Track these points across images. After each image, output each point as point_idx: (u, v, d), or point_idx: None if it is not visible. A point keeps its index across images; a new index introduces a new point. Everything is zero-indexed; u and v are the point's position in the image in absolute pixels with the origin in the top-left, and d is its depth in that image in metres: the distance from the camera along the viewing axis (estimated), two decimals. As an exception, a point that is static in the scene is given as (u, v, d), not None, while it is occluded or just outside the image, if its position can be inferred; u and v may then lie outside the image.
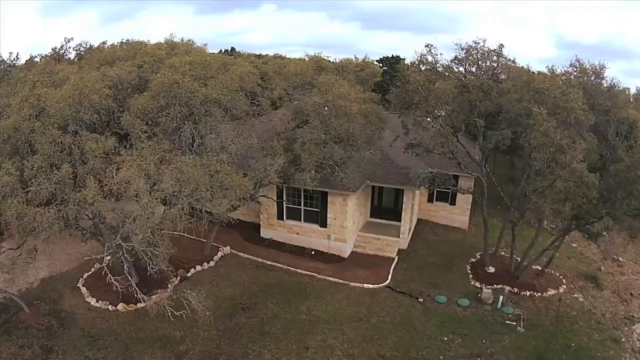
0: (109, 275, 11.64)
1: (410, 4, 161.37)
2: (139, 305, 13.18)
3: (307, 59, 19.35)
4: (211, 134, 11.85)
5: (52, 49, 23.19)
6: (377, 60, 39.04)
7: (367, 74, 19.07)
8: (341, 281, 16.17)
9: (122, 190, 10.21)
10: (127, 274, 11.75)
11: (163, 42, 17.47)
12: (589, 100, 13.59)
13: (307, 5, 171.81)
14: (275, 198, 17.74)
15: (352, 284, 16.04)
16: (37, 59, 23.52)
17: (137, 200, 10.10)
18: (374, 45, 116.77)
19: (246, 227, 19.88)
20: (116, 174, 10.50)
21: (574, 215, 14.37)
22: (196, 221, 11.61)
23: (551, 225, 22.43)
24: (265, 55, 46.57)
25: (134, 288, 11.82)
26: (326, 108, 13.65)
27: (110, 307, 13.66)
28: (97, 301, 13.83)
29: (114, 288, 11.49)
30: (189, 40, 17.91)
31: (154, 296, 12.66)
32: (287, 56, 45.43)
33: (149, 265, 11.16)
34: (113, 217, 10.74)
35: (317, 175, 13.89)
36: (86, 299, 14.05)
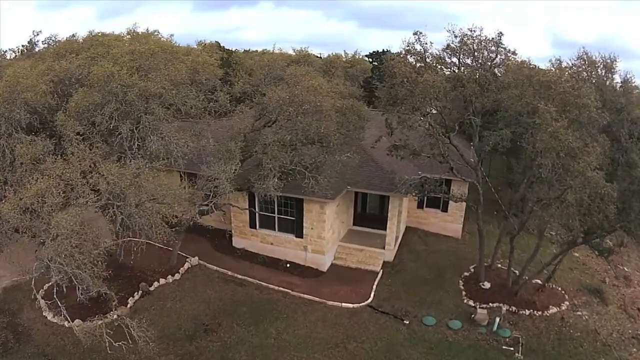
0: (39, 298, 10.31)
1: (408, 3, 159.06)
2: (97, 322, 12.01)
3: (294, 53, 17.63)
4: (152, 135, 10.02)
5: (27, 42, 22.21)
6: (366, 55, 36.83)
7: (357, 70, 17.30)
8: (317, 299, 14.57)
9: (36, 206, 8.46)
10: (56, 298, 10.10)
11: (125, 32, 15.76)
12: (600, 96, 11.78)
13: (303, 4, 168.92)
14: (245, 206, 15.89)
15: (330, 302, 14.47)
16: (9, 55, 22.76)
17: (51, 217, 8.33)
18: (371, 44, 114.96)
19: (218, 234, 18.25)
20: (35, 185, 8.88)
21: (584, 230, 12.59)
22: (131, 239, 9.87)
23: (551, 232, 20.77)
24: (255, 50, 45.07)
25: (64, 315, 10.18)
26: (306, 106, 11.81)
27: (66, 323, 12.47)
28: (53, 316, 12.92)
29: (61, 306, 10.28)
30: (155, 31, 16.24)
31: (88, 323, 11.03)
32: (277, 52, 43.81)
33: (78, 289, 9.51)
34: (31, 235, 9.00)
35: (280, 184, 12.05)
36: (43, 313, 13.10)
